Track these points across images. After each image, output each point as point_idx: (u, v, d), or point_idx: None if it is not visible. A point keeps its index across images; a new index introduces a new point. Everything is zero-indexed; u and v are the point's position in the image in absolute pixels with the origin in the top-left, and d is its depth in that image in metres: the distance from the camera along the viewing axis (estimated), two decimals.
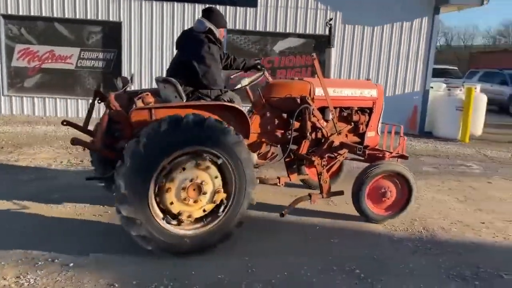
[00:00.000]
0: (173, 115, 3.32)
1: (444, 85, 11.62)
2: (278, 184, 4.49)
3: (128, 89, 4.33)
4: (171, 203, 3.44)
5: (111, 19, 10.11)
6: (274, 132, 4.52)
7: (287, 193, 5.26)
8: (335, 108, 4.64)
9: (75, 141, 3.57)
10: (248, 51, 10.73)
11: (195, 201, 3.51)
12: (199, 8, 10.24)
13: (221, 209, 3.65)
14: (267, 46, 10.82)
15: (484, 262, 3.80)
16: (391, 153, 4.67)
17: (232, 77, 5.04)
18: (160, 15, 10.22)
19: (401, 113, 10.45)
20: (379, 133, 5.10)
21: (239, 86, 4.34)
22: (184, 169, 3.42)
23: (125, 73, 10.34)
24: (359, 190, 4.44)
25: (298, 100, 4.41)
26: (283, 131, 4.55)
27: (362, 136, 4.93)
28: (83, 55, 10.34)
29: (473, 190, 6.13)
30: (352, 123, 4.89)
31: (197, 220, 3.62)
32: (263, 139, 4.50)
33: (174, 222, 3.52)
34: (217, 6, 10.08)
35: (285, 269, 3.49)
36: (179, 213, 3.48)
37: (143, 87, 10.37)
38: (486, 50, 36.10)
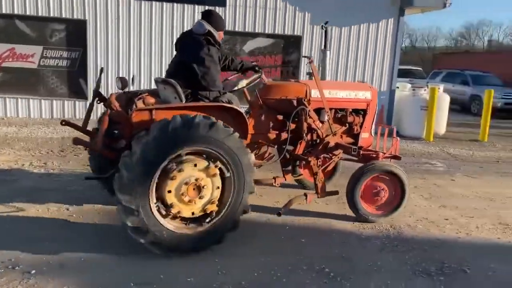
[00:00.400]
0: (183, 115, 3.41)
1: (409, 85, 11.93)
2: (274, 184, 4.55)
3: (126, 89, 4.31)
4: (169, 191, 3.46)
5: (75, 16, 9.82)
6: (271, 133, 4.59)
7: (263, 193, 5.26)
8: (330, 109, 4.73)
9: (76, 141, 3.63)
10: None
11: (189, 201, 3.54)
12: (167, 6, 10.12)
13: (206, 220, 3.67)
14: (236, 46, 10.80)
15: (448, 257, 3.91)
16: (384, 153, 4.78)
17: (229, 78, 5.05)
18: (127, 13, 10.02)
19: None
20: (373, 134, 5.23)
21: (237, 87, 4.42)
22: (195, 165, 3.50)
23: (91, 72, 10.08)
24: (353, 189, 4.52)
25: (295, 102, 4.52)
26: (279, 132, 4.62)
27: (356, 137, 5.04)
28: (46, 54, 10.00)
29: (437, 187, 6.31)
30: (347, 124, 4.98)
31: (187, 219, 3.64)
32: (260, 140, 4.55)
33: (163, 211, 3.53)
34: (184, 5, 10.10)
35: (256, 270, 3.48)
36: (171, 205, 3.49)
37: (109, 86, 10.15)
38: (448, 52, 37.38)
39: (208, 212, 3.65)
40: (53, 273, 3.26)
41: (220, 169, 3.61)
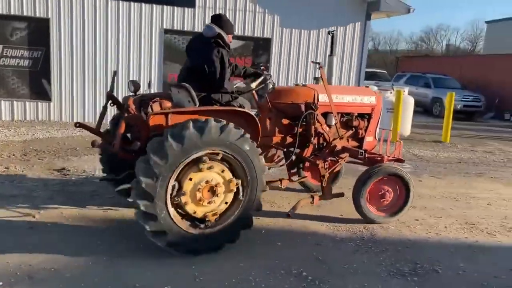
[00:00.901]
0: (197, 120, 3.50)
1: (376, 88, 12.20)
2: (280, 186, 4.65)
3: (139, 93, 4.47)
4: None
5: (37, 15, 9.44)
6: (279, 136, 4.71)
7: None
8: (337, 113, 4.83)
9: (95, 144, 3.86)
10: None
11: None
12: (135, 6, 9.90)
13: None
14: None
15: (420, 258, 4.01)
16: (388, 156, 4.89)
17: (235, 83, 5.02)
18: (93, 12, 9.73)
19: None
20: (376, 138, 5.36)
21: (248, 90, 4.54)
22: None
23: (54, 72, 9.73)
24: (360, 191, 4.61)
25: (303, 106, 4.61)
26: (287, 135, 4.74)
27: (361, 140, 5.17)
28: (6, 53, 9.56)
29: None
30: (353, 128, 5.11)
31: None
32: (269, 142, 4.64)
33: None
34: (152, 5, 9.92)
35: (233, 276, 3.44)
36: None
37: (74, 88, 9.84)
38: (410, 55, 38.54)
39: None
40: (21, 284, 3.10)
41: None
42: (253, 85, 4.58)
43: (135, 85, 4.29)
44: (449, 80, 18.96)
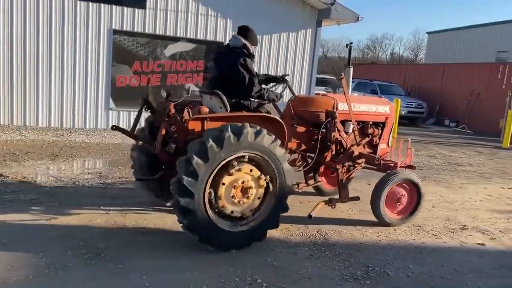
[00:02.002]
0: (235, 124, 3.78)
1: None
2: (297, 189, 4.80)
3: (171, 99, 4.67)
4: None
5: None
6: (300, 142, 4.97)
7: None
8: (349, 121, 5.08)
9: (142, 147, 4.42)
10: (136, 53, 10.24)
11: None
12: (81, 4, 9.47)
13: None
14: (157, 50, 10.45)
15: (372, 261, 4.10)
16: (400, 163, 5.22)
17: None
18: (35, 9, 9.18)
19: None
20: (389, 145, 5.65)
21: (277, 97, 4.76)
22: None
23: None
24: (379, 196, 4.87)
25: (324, 114, 4.90)
26: (307, 141, 5.02)
27: (375, 147, 5.47)
28: None
29: (356, 192, 6.60)
30: (368, 136, 5.39)
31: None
32: (291, 147, 4.86)
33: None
34: (100, 4, 9.55)
35: (186, 286, 3.33)
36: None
37: (14, 89, 9.25)
38: (357, 62, 39.90)
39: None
40: None
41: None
42: (278, 92, 4.84)
43: (167, 91, 4.61)
44: (394, 87, 19.80)
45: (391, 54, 54.84)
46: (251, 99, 4.47)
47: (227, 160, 3.77)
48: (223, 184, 3.84)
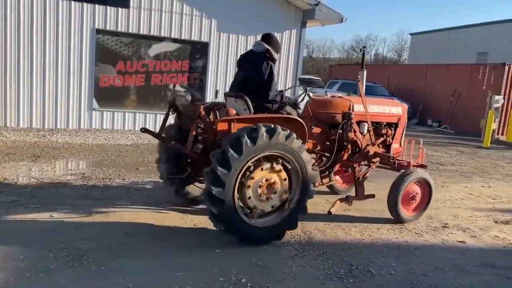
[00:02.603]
0: (266, 125, 4.03)
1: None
2: (312, 188, 4.81)
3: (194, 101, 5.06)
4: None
5: None
6: (317, 141, 5.15)
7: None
8: (365, 122, 5.30)
9: (175, 147, 4.44)
10: (120, 53, 10.14)
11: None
12: (64, 3, 9.34)
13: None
14: (141, 49, 10.36)
15: (355, 259, 4.14)
16: (413, 162, 5.44)
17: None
18: (16, 8, 9.01)
19: None
20: (401, 145, 5.88)
21: (300, 101, 5.05)
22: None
23: None
24: (396, 194, 5.09)
25: (341, 115, 5.13)
26: (325, 141, 5.22)
27: (388, 147, 5.69)
28: None
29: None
30: (382, 136, 5.61)
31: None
32: (308, 147, 4.84)
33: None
34: (83, 4, 9.44)
35: (171, 286, 3.32)
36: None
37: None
38: (341, 63, 40.20)
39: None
40: None
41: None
42: (300, 97, 5.13)
43: (192, 95, 4.94)
44: (378, 88, 19.98)
45: (375, 55, 55.40)
46: (267, 103, 4.64)
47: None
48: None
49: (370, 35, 76.98)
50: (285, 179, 4.26)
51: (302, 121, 4.45)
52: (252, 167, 4.07)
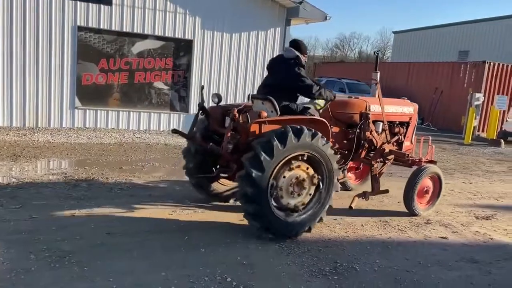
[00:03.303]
0: (294, 126, 4.29)
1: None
2: None
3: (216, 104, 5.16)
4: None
5: None
6: (335, 140, 5.29)
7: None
8: (380, 121, 5.59)
9: (213, 148, 4.63)
10: (103, 51, 10.00)
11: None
12: (45, 0, 9.17)
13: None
14: (124, 47, 10.24)
15: (340, 256, 4.17)
16: (424, 158, 5.78)
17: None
18: None
19: None
20: (412, 143, 6.21)
21: (334, 96, 5.19)
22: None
23: None
24: (413, 189, 5.44)
25: (359, 115, 5.40)
26: (343, 140, 5.46)
27: (400, 145, 5.97)
28: None
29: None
30: (396, 134, 5.91)
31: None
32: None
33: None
34: (65, 0, 9.27)
35: (155, 286, 3.29)
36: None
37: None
38: (326, 61, 40.44)
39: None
40: None
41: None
42: (321, 102, 5.30)
43: (219, 97, 5.10)
44: (362, 85, 20.14)
45: (359, 53, 55.88)
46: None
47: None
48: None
49: (354, 33, 77.56)
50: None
51: (326, 121, 4.72)
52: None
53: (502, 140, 14.44)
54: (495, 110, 15.14)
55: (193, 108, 11.06)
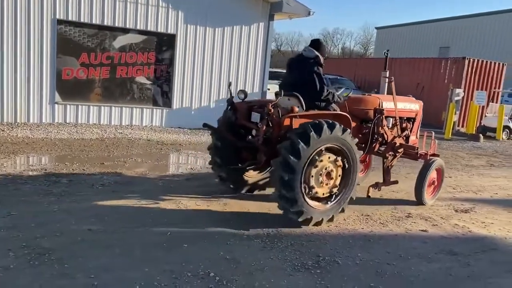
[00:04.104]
0: (328, 120, 4.61)
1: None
2: None
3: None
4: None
5: None
6: (354, 134, 5.34)
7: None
8: (391, 117, 5.99)
9: (249, 140, 5.04)
10: (83, 45, 9.83)
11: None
12: None
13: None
14: (105, 41, 10.08)
15: (322, 250, 4.20)
16: (428, 152, 6.25)
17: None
18: None
19: None
20: (418, 137, 6.66)
21: (340, 99, 5.43)
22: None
23: None
24: (423, 180, 5.91)
25: (373, 111, 5.78)
26: (357, 134, 5.60)
27: (407, 139, 6.38)
28: None
29: None
30: (404, 130, 6.31)
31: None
32: None
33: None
34: None
35: (137, 283, 3.27)
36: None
37: None
38: None
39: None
40: None
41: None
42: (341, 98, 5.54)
43: (245, 93, 5.29)
44: (345, 81, 20.26)
45: (342, 48, 56.22)
46: (319, 102, 5.16)
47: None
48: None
49: (337, 29, 78.02)
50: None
51: (349, 116, 5.02)
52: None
53: (481, 135, 14.73)
54: (475, 105, 15.42)
55: (176, 103, 10.99)
